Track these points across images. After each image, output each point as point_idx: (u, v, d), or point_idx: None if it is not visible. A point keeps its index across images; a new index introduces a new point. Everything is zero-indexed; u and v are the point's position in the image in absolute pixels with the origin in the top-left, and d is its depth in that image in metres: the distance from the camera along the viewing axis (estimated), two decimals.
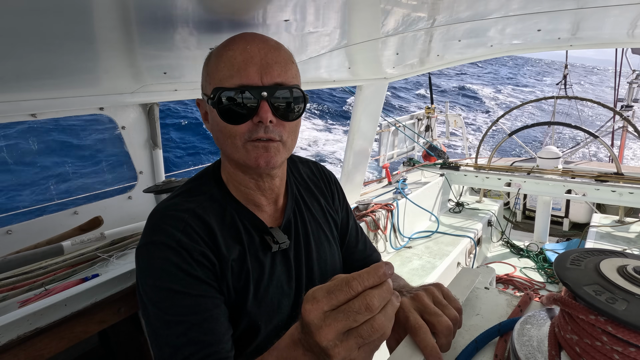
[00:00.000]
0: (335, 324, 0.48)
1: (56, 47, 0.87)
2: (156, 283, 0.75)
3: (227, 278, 0.81)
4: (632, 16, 1.55)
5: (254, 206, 0.90)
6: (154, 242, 0.77)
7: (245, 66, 0.76)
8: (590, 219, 4.25)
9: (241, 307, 0.83)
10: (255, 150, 0.79)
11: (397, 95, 27.79)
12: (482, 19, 1.49)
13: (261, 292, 0.86)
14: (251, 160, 0.80)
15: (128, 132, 1.97)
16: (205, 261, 0.78)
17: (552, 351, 0.54)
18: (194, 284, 0.76)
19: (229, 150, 0.81)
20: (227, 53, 0.78)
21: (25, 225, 1.72)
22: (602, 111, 23.34)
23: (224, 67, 0.77)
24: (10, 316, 1.00)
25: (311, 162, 1.13)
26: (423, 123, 5.73)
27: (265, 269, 0.87)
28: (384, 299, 0.49)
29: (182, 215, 0.80)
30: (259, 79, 0.77)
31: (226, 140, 0.80)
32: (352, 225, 1.14)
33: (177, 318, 0.73)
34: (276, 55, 0.79)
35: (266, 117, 0.76)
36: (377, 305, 0.48)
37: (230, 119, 0.77)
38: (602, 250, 0.60)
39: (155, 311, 0.75)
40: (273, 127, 0.79)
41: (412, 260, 3.31)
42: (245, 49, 0.77)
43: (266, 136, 0.78)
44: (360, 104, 2.92)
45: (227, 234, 0.84)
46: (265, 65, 0.77)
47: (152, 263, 0.76)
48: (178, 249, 0.76)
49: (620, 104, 8.69)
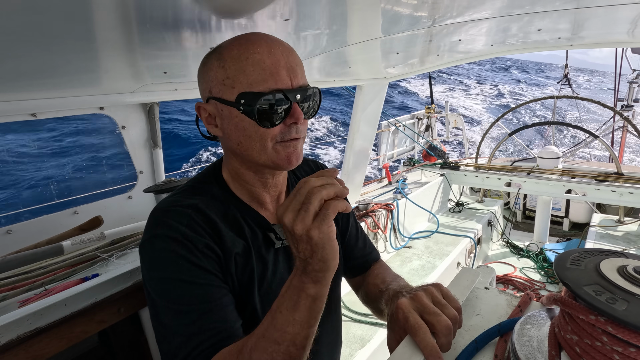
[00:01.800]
0: (290, 206, 0.63)
1: (56, 46, 0.87)
2: (163, 275, 0.75)
3: (231, 271, 0.82)
4: (632, 16, 1.55)
5: (257, 204, 0.91)
6: (157, 235, 0.78)
7: (276, 70, 0.77)
8: (590, 219, 4.25)
9: (245, 302, 0.84)
10: (285, 149, 0.81)
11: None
12: (482, 19, 1.49)
13: (264, 288, 0.86)
14: (282, 160, 0.81)
15: (128, 131, 1.97)
16: (210, 253, 0.78)
17: (552, 351, 0.54)
18: (201, 274, 0.76)
19: (255, 153, 0.81)
20: (253, 56, 0.76)
21: (25, 225, 1.72)
22: (601, 110, 23.35)
23: (253, 71, 0.76)
24: (10, 316, 1.00)
25: (310, 160, 1.13)
26: (423, 123, 5.73)
27: (269, 265, 0.88)
28: (322, 182, 0.63)
29: (185, 210, 0.80)
30: (289, 82, 0.78)
31: (254, 144, 0.80)
32: (352, 223, 1.15)
33: (187, 307, 0.73)
34: (296, 58, 0.81)
35: (300, 118, 0.79)
36: (317, 183, 0.63)
37: (264, 122, 0.78)
38: (602, 250, 0.60)
39: (164, 303, 0.75)
40: (301, 125, 0.82)
41: (412, 260, 3.31)
42: (271, 51, 0.77)
43: (297, 136, 0.81)
44: (360, 104, 2.92)
45: (231, 230, 0.84)
46: (291, 68, 0.79)
47: (157, 255, 0.76)
48: (183, 240, 0.76)
49: (620, 104, 8.68)
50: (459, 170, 4.42)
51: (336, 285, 1.05)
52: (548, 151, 4.26)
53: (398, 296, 0.76)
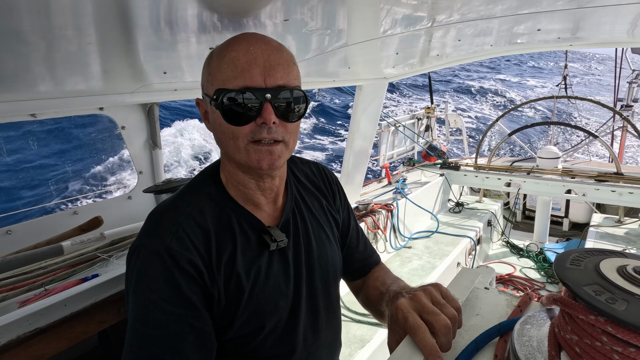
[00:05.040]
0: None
1: (56, 46, 0.87)
2: (137, 287, 0.75)
3: (217, 283, 0.80)
4: (632, 16, 1.55)
5: (253, 206, 0.90)
6: (144, 245, 0.78)
7: (248, 68, 0.76)
8: (590, 219, 4.25)
9: (235, 308, 0.83)
10: (257, 152, 0.80)
11: None
12: (482, 19, 1.49)
13: (256, 292, 0.85)
14: (253, 162, 0.80)
15: (128, 132, 1.97)
16: (192, 269, 0.77)
17: (552, 351, 0.54)
18: (172, 296, 0.74)
19: (231, 151, 0.82)
20: (229, 54, 0.78)
21: (25, 225, 1.72)
22: (601, 110, 23.37)
23: (227, 69, 0.78)
24: (10, 316, 1.00)
25: (312, 163, 1.12)
26: (423, 123, 5.74)
27: (262, 268, 0.86)
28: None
29: (177, 218, 0.80)
30: (262, 81, 0.77)
31: (228, 141, 0.81)
32: (353, 226, 1.14)
33: (145, 329, 0.73)
34: (279, 57, 0.80)
35: (270, 119, 0.77)
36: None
37: (233, 120, 0.78)
38: (602, 250, 0.60)
39: (131, 315, 0.75)
40: (276, 127, 0.79)
41: (412, 260, 3.31)
42: (249, 50, 0.77)
43: (269, 137, 0.79)
44: (360, 104, 2.92)
45: (222, 236, 0.83)
46: (269, 67, 0.78)
47: (138, 265, 0.76)
48: (165, 256, 0.75)
49: (620, 104, 8.69)
50: (458, 170, 4.42)
51: (335, 289, 1.04)
52: (548, 151, 4.26)
53: (398, 297, 0.76)
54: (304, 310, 0.92)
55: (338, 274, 1.05)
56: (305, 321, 0.93)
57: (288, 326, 0.90)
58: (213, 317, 0.81)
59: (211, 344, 0.79)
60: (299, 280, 0.92)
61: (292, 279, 0.91)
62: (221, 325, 0.82)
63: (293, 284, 0.91)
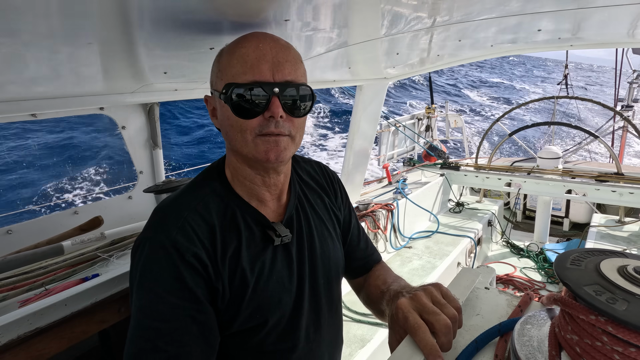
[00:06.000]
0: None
1: (56, 46, 0.87)
2: (141, 280, 0.76)
3: (222, 277, 0.81)
4: (632, 16, 1.55)
5: (257, 201, 0.91)
6: (149, 238, 0.79)
7: (257, 63, 0.79)
8: (591, 219, 4.25)
9: (239, 302, 0.83)
10: (265, 144, 0.81)
11: None
12: (482, 19, 1.49)
13: (260, 286, 0.85)
14: (261, 154, 0.81)
15: (128, 132, 1.97)
16: (197, 263, 0.77)
17: (553, 351, 0.54)
18: (176, 288, 0.75)
19: (239, 145, 0.83)
20: (239, 50, 0.80)
21: (25, 225, 1.72)
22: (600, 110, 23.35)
23: (236, 64, 0.80)
24: (10, 316, 1.00)
25: (314, 162, 1.14)
26: (423, 123, 5.74)
27: (266, 263, 0.87)
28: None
29: (183, 212, 0.81)
30: (271, 76, 0.79)
31: (236, 134, 0.82)
32: (354, 224, 1.15)
33: (149, 321, 0.73)
34: (287, 54, 0.82)
35: (277, 112, 0.79)
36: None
37: (241, 113, 0.80)
38: (602, 250, 0.60)
39: (135, 307, 0.75)
40: (283, 122, 0.81)
41: (412, 260, 3.31)
42: (258, 46, 0.80)
43: (276, 131, 0.81)
44: (360, 104, 2.92)
45: (227, 230, 0.84)
46: (277, 63, 0.80)
47: (143, 258, 0.77)
48: (170, 249, 0.76)
49: (620, 104, 8.69)
50: (459, 170, 4.42)
51: (337, 286, 1.05)
52: (548, 151, 4.26)
53: (398, 296, 0.76)
54: (306, 306, 0.93)
55: (340, 271, 1.06)
56: (307, 317, 0.94)
57: (291, 322, 0.90)
58: (217, 311, 0.81)
59: (214, 338, 0.79)
60: (302, 277, 0.93)
61: (295, 275, 0.92)
62: (225, 320, 0.82)
63: (296, 280, 0.92)
